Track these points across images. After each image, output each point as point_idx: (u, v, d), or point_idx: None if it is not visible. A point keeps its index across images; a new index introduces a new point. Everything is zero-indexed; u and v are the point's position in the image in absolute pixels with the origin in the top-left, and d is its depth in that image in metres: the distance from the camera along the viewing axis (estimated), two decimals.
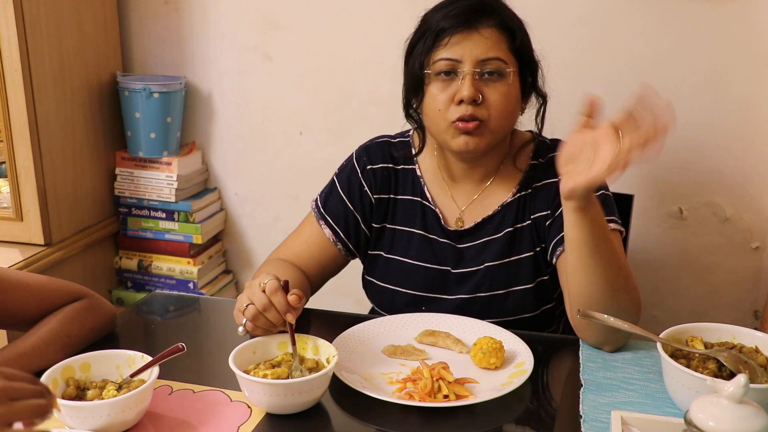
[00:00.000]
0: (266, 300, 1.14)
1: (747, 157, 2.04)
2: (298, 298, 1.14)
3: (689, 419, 0.86)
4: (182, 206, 2.35)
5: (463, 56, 1.29)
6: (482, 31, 1.29)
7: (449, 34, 1.30)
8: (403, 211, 1.46)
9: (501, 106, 1.30)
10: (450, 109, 1.30)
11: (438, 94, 1.31)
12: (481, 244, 1.41)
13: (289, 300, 1.13)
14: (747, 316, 2.15)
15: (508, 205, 1.41)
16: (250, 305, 1.15)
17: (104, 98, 2.32)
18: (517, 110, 1.36)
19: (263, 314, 1.14)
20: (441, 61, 1.30)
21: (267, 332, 1.18)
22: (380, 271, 1.47)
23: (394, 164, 1.48)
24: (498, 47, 1.30)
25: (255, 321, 1.16)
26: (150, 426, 1.04)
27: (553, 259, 1.36)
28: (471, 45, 1.29)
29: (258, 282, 1.16)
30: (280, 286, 1.15)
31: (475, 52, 1.28)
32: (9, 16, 1.93)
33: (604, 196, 1.35)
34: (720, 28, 1.97)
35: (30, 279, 1.24)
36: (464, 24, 1.29)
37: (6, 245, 2.11)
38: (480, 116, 1.29)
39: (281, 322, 1.15)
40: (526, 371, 1.14)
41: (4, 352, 1.12)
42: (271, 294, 1.14)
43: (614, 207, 1.37)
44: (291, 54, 2.31)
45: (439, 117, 1.32)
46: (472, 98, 1.27)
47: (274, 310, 1.14)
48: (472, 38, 1.29)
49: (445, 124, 1.32)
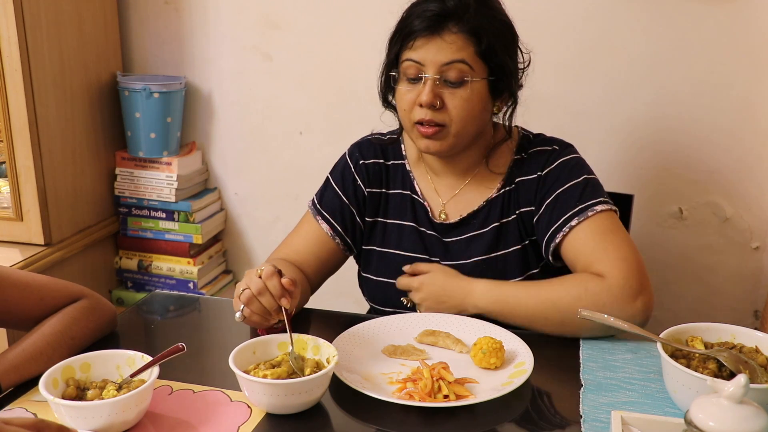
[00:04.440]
0: (261, 284, 1.16)
1: (747, 157, 2.04)
2: (290, 281, 1.17)
3: (689, 419, 0.86)
4: (182, 206, 2.36)
5: (426, 60, 1.30)
6: (446, 36, 1.30)
7: (415, 37, 1.31)
8: (394, 205, 1.48)
9: (462, 111, 1.31)
10: (414, 110, 1.33)
11: (405, 94, 1.34)
12: (466, 239, 1.43)
13: (282, 282, 1.16)
14: (747, 316, 2.15)
15: (493, 201, 1.42)
16: (246, 290, 1.18)
17: (104, 98, 2.32)
18: (482, 114, 1.35)
19: (258, 298, 1.17)
20: (407, 61, 1.33)
21: (263, 320, 1.20)
22: (375, 266, 1.49)
23: (385, 160, 1.50)
24: (462, 53, 1.29)
25: (250, 305, 1.18)
26: (150, 426, 1.04)
27: (549, 256, 1.37)
28: (434, 50, 1.30)
29: (256, 269, 1.19)
30: (275, 272, 1.17)
31: (438, 57, 1.30)
32: (9, 16, 1.93)
33: (586, 181, 1.36)
34: (720, 28, 1.97)
35: (30, 279, 1.23)
36: (429, 29, 1.30)
37: (6, 245, 2.11)
38: (439, 121, 1.31)
39: (275, 307, 1.17)
40: (526, 371, 1.13)
41: (9, 356, 1.12)
42: (266, 278, 1.16)
43: (599, 189, 1.37)
44: (291, 54, 2.31)
45: (405, 116, 1.36)
46: (430, 104, 1.30)
47: (268, 294, 1.16)
48: (435, 43, 1.30)
49: (409, 123, 1.35)
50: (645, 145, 2.09)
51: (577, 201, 1.34)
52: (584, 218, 1.32)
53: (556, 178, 1.37)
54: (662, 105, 2.05)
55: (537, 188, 1.39)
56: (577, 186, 1.36)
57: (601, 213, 1.33)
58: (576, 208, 1.33)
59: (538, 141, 1.44)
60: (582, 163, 1.41)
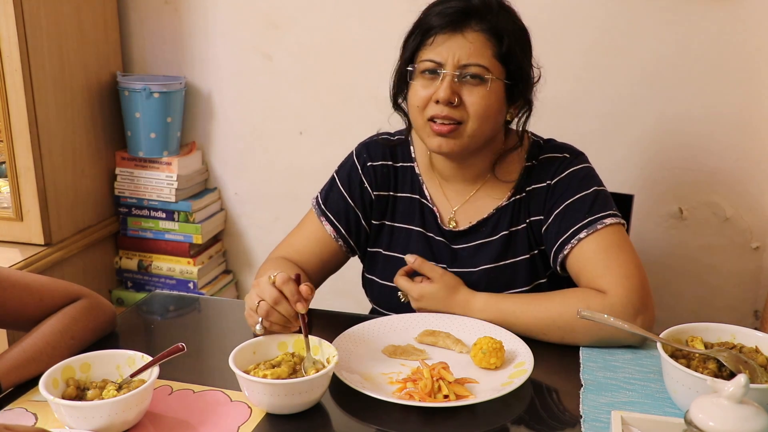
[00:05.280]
0: (276, 292, 1.14)
1: (747, 157, 2.04)
2: (309, 288, 1.15)
3: (689, 419, 0.86)
4: (182, 206, 2.36)
5: (445, 58, 1.29)
6: (467, 34, 1.29)
7: (435, 34, 1.30)
8: (402, 209, 1.46)
9: (479, 109, 1.29)
10: (428, 106, 1.31)
11: (419, 91, 1.32)
12: (475, 247, 1.41)
13: (301, 290, 1.14)
14: (747, 316, 2.15)
15: (503, 209, 1.41)
16: (261, 302, 1.15)
17: (104, 98, 2.32)
18: (498, 116, 1.34)
19: (275, 308, 1.14)
20: (425, 61, 1.31)
21: (285, 329, 1.17)
22: (380, 269, 1.47)
23: (393, 162, 1.48)
24: (481, 53, 1.28)
25: (269, 317, 1.15)
26: (150, 426, 1.04)
27: (557, 267, 1.36)
28: (455, 47, 1.29)
29: (266, 277, 1.16)
30: (290, 277, 1.15)
31: (457, 55, 1.28)
32: (9, 16, 1.93)
33: (596, 192, 1.35)
34: (720, 28, 1.97)
35: (30, 279, 1.23)
36: (451, 25, 1.29)
37: (6, 245, 2.11)
38: (456, 118, 1.29)
39: (294, 315, 1.14)
40: (526, 371, 1.13)
41: (9, 356, 1.12)
42: (281, 285, 1.14)
43: (608, 201, 1.36)
44: (291, 54, 2.31)
45: (417, 113, 1.34)
46: (448, 100, 1.28)
47: (285, 302, 1.14)
48: (456, 41, 1.29)
49: (422, 121, 1.33)
50: (645, 145, 2.09)
51: (587, 213, 1.32)
52: (593, 231, 1.30)
53: (565, 187, 1.36)
54: (662, 105, 2.05)
55: (546, 197, 1.37)
56: (587, 197, 1.34)
57: (609, 227, 1.31)
58: (585, 221, 1.32)
59: (549, 147, 1.42)
60: (592, 173, 1.39)
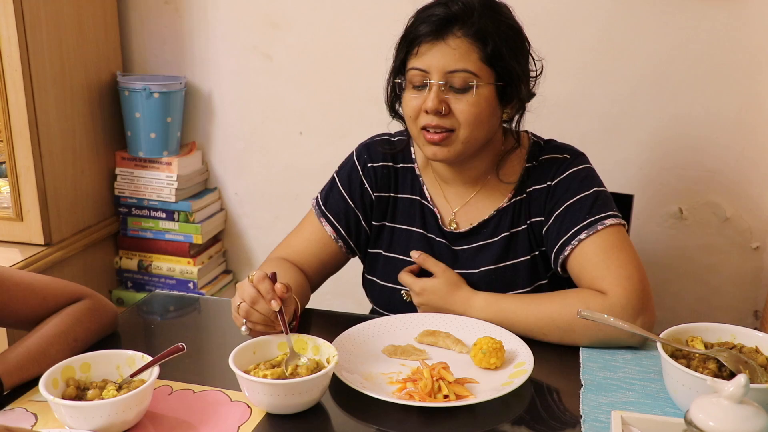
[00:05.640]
0: (254, 292, 1.15)
1: (747, 157, 2.04)
2: (284, 286, 1.15)
3: (689, 419, 0.86)
4: (182, 206, 2.36)
5: (430, 67, 1.29)
6: (450, 41, 1.28)
7: (420, 43, 1.30)
8: (403, 210, 1.46)
9: (469, 117, 1.29)
10: (420, 116, 1.31)
11: (410, 102, 1.32)
12: (476, 248, 1.41)
13: (276, 288, 1.14)
14: (747, 316, 2.15)
15: (504, 210, 1.40)
16: (242, 303, 1.16)
17: (104, 98, 2.32)
18: (491, 119, 1.33)
19: (254, 308, 1.15)
20: (412, 70, 1.31)
21: (268, 328, 1.17)
22: (381, 270, 1.47)
23: (394, 163, 1.48)
24: (466, 58, 1.28)
25: (249, 317, 1.16)
26: (150, 426, 1.04)
27: (558, 268, 1.36)
28: (439, 56, 1.28)
29: (246, 278, 1.17)
30: (266, 275, 1.16)
31: (442, 63, 1.28)
32: (9, 16, 1.93)
33: (596, 193, 1.35)
34: (720, 28, 1.97)
35: (32, 279, 1.24)
36: (433, 33, 1.28)
37: (6, 245, 2.11)
38: (447, 126, 1.29)
39: (275, 313, 1.15)
40: (526, 371, 1.13)
41: (12, 355, 1.12)
42: (257, 283, 1.15)
43: (609, 202, 1.36)
44: (291, 54, 2.31)
45: (411, 123, 1.34)
46: (436, 110, 1.28)
47: (262, 300, 1.14)
48: (440, 49, 1.28)
49: (416, 130, 1.33)
50: (645, 145, 2.09)
51: (587, 214, 1.32)
52: (593, 232, 1.30)
53: (566, 188, 1.36)
54: (662, 105, 2.05)
55: (547, 198, 1.37)
56: (588, 198, 1.34)
57: (609, 227, 1.31)
58: (585, 221, 1.31)
59: (550, 148, 1.42)
60: (593, 174, 1.39)
